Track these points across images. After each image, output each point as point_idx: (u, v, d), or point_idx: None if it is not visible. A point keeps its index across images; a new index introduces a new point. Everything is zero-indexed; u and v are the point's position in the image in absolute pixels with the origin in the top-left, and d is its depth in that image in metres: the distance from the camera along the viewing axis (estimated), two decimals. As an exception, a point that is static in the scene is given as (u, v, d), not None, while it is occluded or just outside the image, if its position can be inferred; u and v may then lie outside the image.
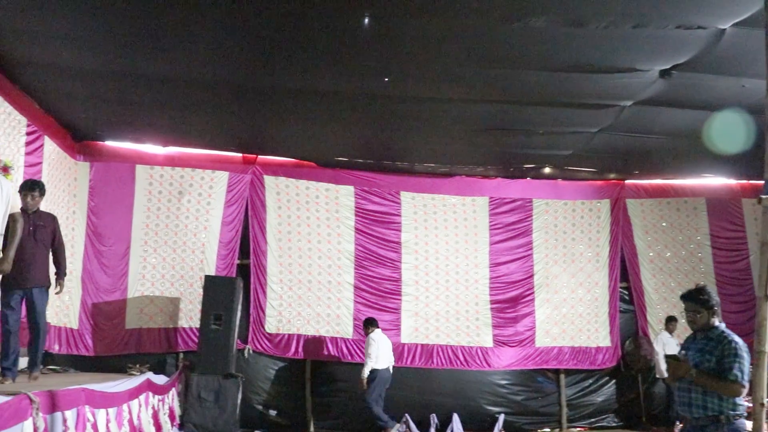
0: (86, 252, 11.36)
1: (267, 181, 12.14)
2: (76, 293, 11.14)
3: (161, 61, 8.42)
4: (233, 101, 9.67)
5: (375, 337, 11.13)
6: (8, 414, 3.48)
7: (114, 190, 11.59)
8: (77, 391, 4.92)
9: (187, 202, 11.87)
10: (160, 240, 11.71)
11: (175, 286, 11.64)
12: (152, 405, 7.82)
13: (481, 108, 9.52)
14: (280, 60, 8.26)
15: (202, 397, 9.97)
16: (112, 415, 5.89)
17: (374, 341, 11.07)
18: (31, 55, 8.45)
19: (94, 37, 7.91)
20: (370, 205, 12.46)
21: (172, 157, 11.93)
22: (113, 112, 10.40)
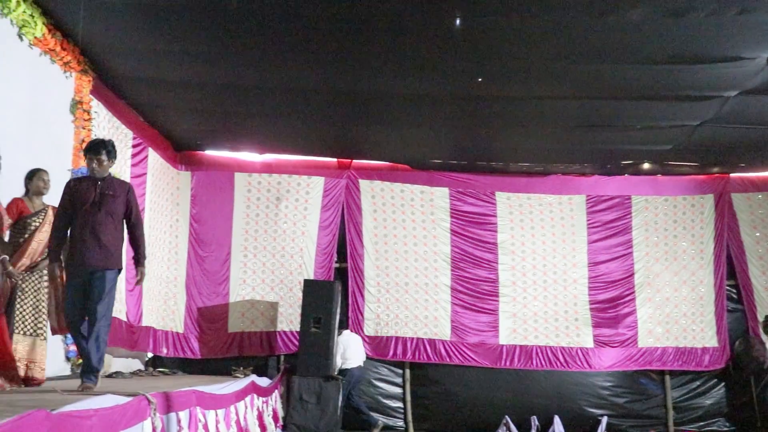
0: (189, 258, 11.75)
1: (362, 185, 12.26)
2: (180, 298, 11.55)
3: (258, 71, 8.66)
4: (328, 107, 9.83)
5: (341, 339, 11.10)
6: (130, 414, 3.64)
7: (214, 198, 11.95)
8: (189, 393, 5.09)
9: (284, 207, 12.11)
10: (260, 245, 11.99)
11: (275, 290, 11.90)
12: (257, 406, 8.00)
13: (576, 104, 9.36)
14: (373, 65, 8.34)
15: (304, 399, 10.14)
16: (221, 416, 6.07)
17: (339, 343, 11.03)
18: (136, 71, 8.84)
19: (193, 52, 8.23)
20: (466, 206, 12.40)
21: (269, 164, 12.21)
22: (212, 122, 10.74)
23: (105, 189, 5.72)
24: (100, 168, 5.76)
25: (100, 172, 5.77)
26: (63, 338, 7.90)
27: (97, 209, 5.64)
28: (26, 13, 6.86)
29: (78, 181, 5.87)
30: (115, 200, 5.73)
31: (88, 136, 8.30)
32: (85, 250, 5.56)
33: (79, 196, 5.67)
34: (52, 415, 2.65)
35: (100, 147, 5.78)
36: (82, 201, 5.65)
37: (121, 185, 5.90)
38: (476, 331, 12.06)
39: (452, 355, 11.92)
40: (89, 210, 5.63)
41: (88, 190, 5.71)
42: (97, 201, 5.66)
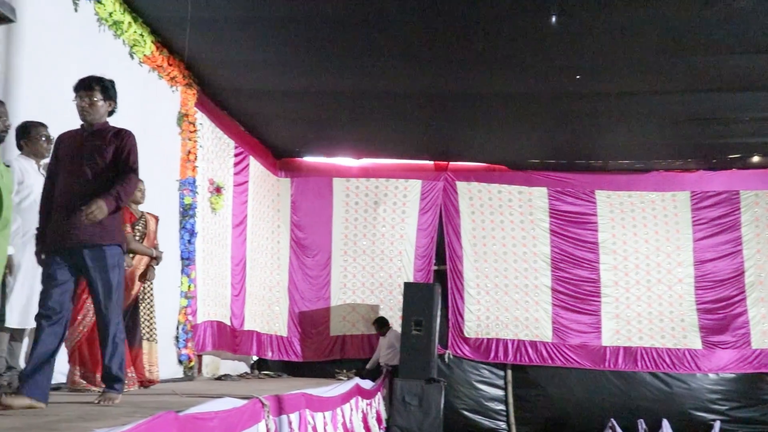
0: (291, 263, 12.04)
1: (459, 186, 12.24)
2: (283, 302, 11.85)
3: (354, 77, 8.80)
4: (424, 110, 9.88)
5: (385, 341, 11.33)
6: (247, 416, 3.75)
7: (314, 204, 12.19)
8: (299, 396, 5.20)
9: (382, 211, 12.23)
10: (359, 249, 12.14)
11: (375, 293, 12.03)
12: (362, 409, 8.10)
13: (679, 98, 9.09)
14: (469, 66, 8.35)
15: (407, 402, 10.19)
16: (328, 418, 6.16)
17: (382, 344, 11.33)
18: (237, 83, 9.14)
19: (292, 62, 8.43)
20: (565, 205, 12.21)
21: (366, 168, 12.36)
22: (310, 129, 10.97)
23: (96, 140, 4.23)
24: (92, 110, 4.27)
25: (92, 115, 4.28)
26: (175, 341, 8.23)
27: (82, 166, 4.13)
28: (137, 33, 7.19)
29: (69, 133, 4.38)
30: (107, 154, 4.19)
31: (194, 147, 8.62)
32: (67, 220, 4.03)
33: (64, 150, 4.25)
34: (180, 417, 2.77)
35: (92, 82, 4.35)
36: (68, 156, 4.20)
37: (117, 134, 4.31)
38: (578, 333, 11.85)
39: (554, 356, 11.76)
40: (73, 167, 4.15)
41: (74, 143, 4.25)
42: (85, 155, 4.16)
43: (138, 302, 6.22)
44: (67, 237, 4.01)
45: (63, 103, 5.89)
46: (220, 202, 9.45)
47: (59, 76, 5.98)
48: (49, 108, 5.51)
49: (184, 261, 8.33)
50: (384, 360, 11.23)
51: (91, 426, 2.61)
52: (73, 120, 6.00)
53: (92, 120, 4.29)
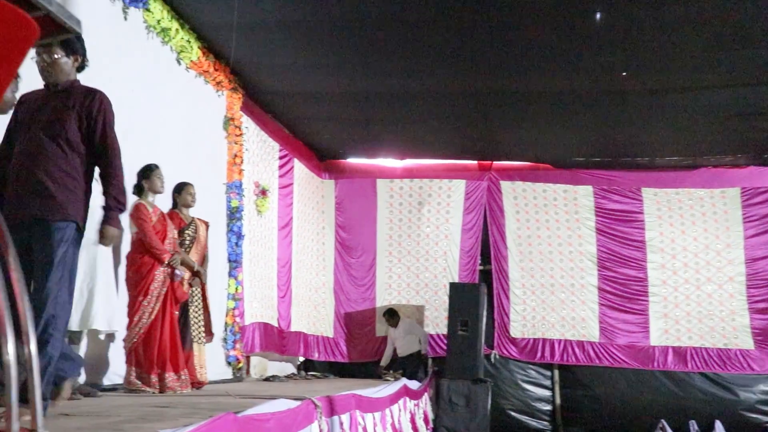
0: (336, 264, 12.09)
1: (503, 186, 12.18)
2: (329, 303, 11.91)
3: (397, 78, 8.81)
4: (467, 109, 9.85)
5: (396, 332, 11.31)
6: (301, 417, 3.79)
7: (358, 205, 12.23)
8: (349, 397, 5.23)
9: (427, 212, 12.22)
10: (404, 250, 12.15)
11: (420, 294, 12.02)
12: (409, 409, 8.11)
13: (728, 93, 8.92)
14: (511, 64, 8.30)
15: (454, 402, 10.18)
16: (378, 419, 6.19)
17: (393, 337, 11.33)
18: (282, 86, 9.20)
19: (335, 64, 8.48)
20: (611, 204, 12.07)
21: (410, 169, 12.36)
22: (354, 130, 11.01)
23: (58, 101, 3.66)
24: (53, 68, 3.69)
25: (54, 75, 3.70)
26: (223, 342, 8.32)
27: (38, 131, 3.57)
28: (184, 39, 7.30)
29: (32, 93, 3.84)
30: (68, 116, 3.59)
31: (240, 150, 8.71)
32: (18, 191, 3.51)
33: (23, 113, 3.72)
34: (239, 418, 2.81)
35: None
36: (26, 120, 3.66)
37: (88, 95, 3.71)
38: (626, 332, 11.71)
39: (602, 356, 11.63)
40: (30, 133, 3.59)
41: (33, 105, 3.70)
42: (42, 119, 3.60)
43: (187, 305, 6.32)
44: (14, 211, 3.44)
45: (115, 110, 6.03)
46: (265, 205, 9.55)
47: (110, 84, 6.09)
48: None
49: (231, 263, 8.43)
50: (403, 350, 11.18)
51: (154, 427, 2.65)
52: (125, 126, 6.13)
53: (55, 80, 3.69)
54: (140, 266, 5.66)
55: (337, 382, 9.06)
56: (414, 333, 11.26)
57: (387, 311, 11.48)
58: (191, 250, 6.38)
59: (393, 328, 11.33)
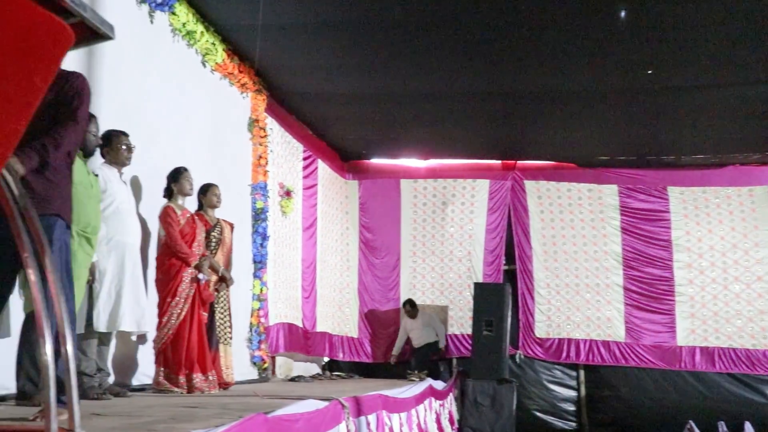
0: (360, 265, 12.12)
1: (527, 185, 12.14)
2: (354, 304, 11.94)
3: (420, 78, 8.82)
4: (491, 109, 9.84)
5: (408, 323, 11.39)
6: (329, 417, 3.81)
7: (382, 205, 12.24)
8: (376, 397, 5.24)
9: (451, 211, 12.21)
10: (428, 250, 12.15)
11: (445, 294, 12.01)
12: (435, 409, 8.11)
13: (756, 90, 8.84)
14: (535, 63, 8.28)
15: (479, 402, 10.16)
16: (404, 419, 6.20)
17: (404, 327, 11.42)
18: (305, 87, 9.24)
19: (358, 65, 8.50)
20: (636, 203, 11.98)
21: (433, 169, 12.36)
22: (377, 131, 11.03)
23: None
24: None
25: None
26: (248, 343, 8.37)
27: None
28: (209, 42, 7.35)
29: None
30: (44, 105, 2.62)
31: (264, 152, 8.76)
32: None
33: None
34: (269, 419, 2.83)
35: None
36: None
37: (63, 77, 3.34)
38: (652, 332, 11.62)
39: (628, 356, 11.55)
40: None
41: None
42: None
43: (214, 307, 6.36)
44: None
45: (142, 113, 6.10)
46: (290, 206, 9.59)
47: (137, 87, 6.18)
48: (129, 117, 5.68)
49: (256, 264, 8.47)
50: (419, 341, 11.19)
51: (186, 427, 2.68)
52: (152, 128, 6.19)
53: None
54: (168, 268, 5.71)
55: (362, 383, 9.07)
56: (432, 326, 11.29)
57: (408, 301, 11.43)
58: (217, 251, 6.41)
59: (410, 319, 11.32)
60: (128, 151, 4.98)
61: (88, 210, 4.18)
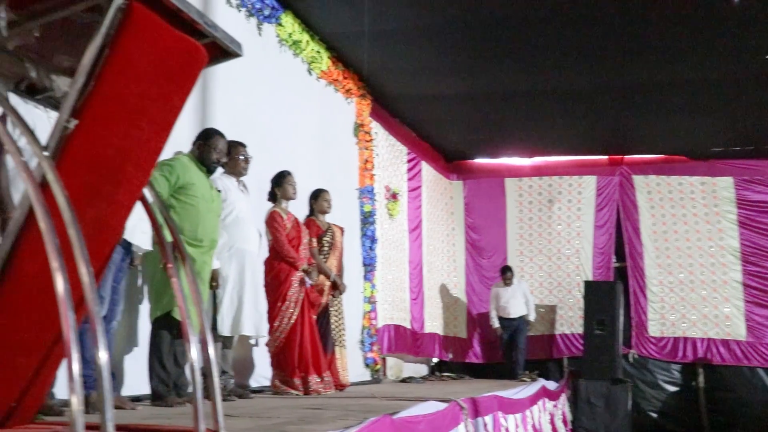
0: (467, 265, 12.11)
1: (636, 180, 11.81)
2: (462, 304, 11.96)
3: (523, 76, 8.77)
4: (595, 104, 9.66)
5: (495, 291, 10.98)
6: (449, 419, 3.83)
7: (487, 205, 12.18)
8: (492, 398, 5.24)
9: (557, 209, 12.03)
10: (535, 249, 12.01)
11: (553, 293, 11.84)
12: (548, 410, 8.02)
13: None
14: (642, 55, 8.09)
15: (592, 403, 9.97)
16: (519, 420, 6.16)
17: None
18: (408, 89, 9.32)
19: (459, 65, 8.53)
20: (754, 195, 11.46)
21: (538, 166, 12.22)
22: (480, 130, 11.00)
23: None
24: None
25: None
26: (360, 345, 8.50)
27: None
28: (314, 50, 7.53)
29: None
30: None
31: (370, 156, 8.89)
32: None
33: None
34: (395, 420, 2.88)
35: None
36: None
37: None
38: (776, 331, 11.14)
39: (750, 356, 11.08)
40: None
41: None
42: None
43: (328, 310, 6.48)
44: None
45: (253, 123, 6.29)
46: (396, 208, 9.69)
47: (248, 97, 6.38)
48: (241, 127, 5.86)
49: (366, 267, 8.60)
50: (513, 311, 10.75)
51: (315, 428, 2.76)
52: (262, 137, 6.37)
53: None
54: (277, 272, 5.81)
55: (473, 384, 9.05)
56: (526, 296, 10.90)
57: (507, 267, 11.12)
58: (329, 256, 6.52)
59: (505, 287, 10.88)
60: (245, 162, 5.15)
61: (206, 224, 4.35)
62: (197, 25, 2.08)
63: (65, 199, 1.72)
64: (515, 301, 10.83)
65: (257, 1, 6.53)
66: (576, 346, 11.39)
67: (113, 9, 1.83)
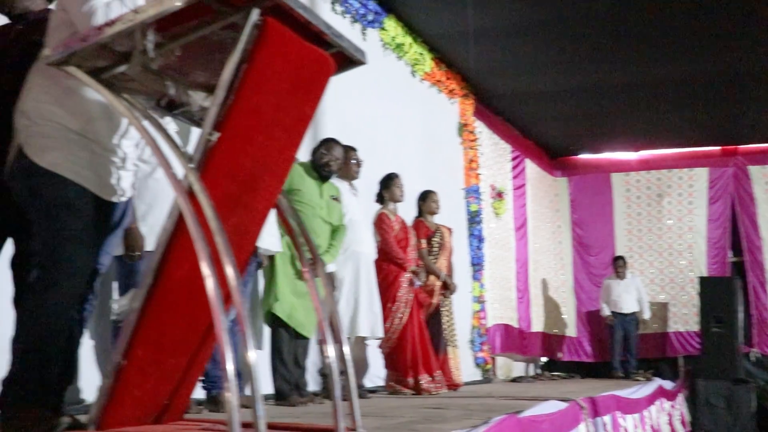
0: (575, 263, 11.91)
1: (752, 171, 11.34)
2: (570, 302, 11.76)
3: (627, 69, 8.62)
4: (706, 93, 9.38)
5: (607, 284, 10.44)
6: (570, 418, 3.80)
7: (593, 201, 11.95)
8: (609, 398, 5.16)
9: (667, 203, 11.68)
10: (644, 245, 11.69)
11: (665, 290, 11.51)
12: (666, 411, 7.80)
13: None
14: (752, 41, 7.80)
15: (712, 404, 9.61)
16: (637, 420, 6.03)
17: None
18: (509, 88, 9.28)
19: (562, 61, 8.44)
20: None
21: (645, 160, 11.90)
22: (584, 126, 10.83)
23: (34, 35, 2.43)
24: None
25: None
26: (470, 345, 8.49)
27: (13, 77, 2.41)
28: (417, 52, 7.59)
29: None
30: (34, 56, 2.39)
31: (475, 155, 8.88)
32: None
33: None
34: (521, 420, 2.89)
35: None
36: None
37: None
38: None
39: None
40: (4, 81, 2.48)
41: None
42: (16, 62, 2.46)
43: (439, 310, 6.51)
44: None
45: (360, 127, 6.39)
46: (502, 207, 9.64)
47: (354, 101, 6.48)
48: (348, 131, 5.95)
49: (474, 267, 8.59)
50: (626, 306, 10.25)
51: (444, 427, 2.79)
52: (369, 140, 6.46)
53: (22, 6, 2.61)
54: (386, 274, 5.87)
55: (586, 383, 8.89)
56: (639, 292, 10.39)
57: (618, 256, 10.75)
58: (439, 257, 6.55)
59: (617, 280, 10.40)
60: (357, 166, 5.24)
61: (311, 229, 4.45)
62: (325, 35, 2.16)
63: (212, 208, 1.82)
64: (628, 296, 10.40)
65: (361, 7, 6.64)
66: (691, 344, 11.02)
67: (249, 25, 1.93)
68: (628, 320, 10.34)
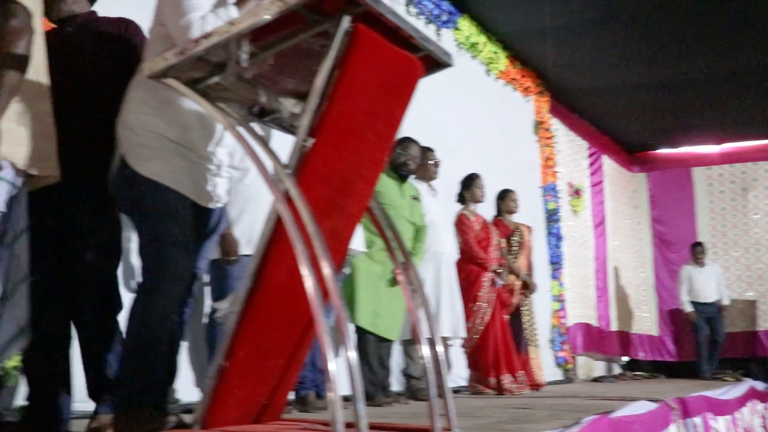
0: (655, 260, 11.66)
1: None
2: (652, 301, 11.52)
3: (706, 60, 8.47)
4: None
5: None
6: (660, 419, 3.74)
7: (674, 196, 11.68)
8: (700, 399, 5.03)
9: (753, 197, 11.33)
10: (729, 241, 11.36)
11: (753, 286, 11.16)
12: (760, 413, 7.54)
13: None
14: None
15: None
16: (729, 422, 5.86)
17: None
18: (585, 83, 9.16)
19: (638, 55, 8.34)
20: None
21: (728, 153, 11.57)
22: (662, 120, 10.59)
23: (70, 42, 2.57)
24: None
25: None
26: (551, 344, 8.40)
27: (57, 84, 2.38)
28: (491, 51, 7.57)
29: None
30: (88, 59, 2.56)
31: (551, 153, 8.79)
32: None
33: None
34: (612, 420, 2.86)
35: None
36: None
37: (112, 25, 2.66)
38: None
39: None
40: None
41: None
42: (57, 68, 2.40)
43: (519, 310, 6.47)
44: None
45: (437, 127, 6.40)
46: (580, 205, 9.52)
47: (430, 101, 6.48)
48: (425, 132, 5.96)
49: (553, 265, 8.50)
50: (706, 295, 9.81)
51: (536, 427, 2.78)
52: (446, 140, 6.45)
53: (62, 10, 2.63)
54: (468, 274, 5.87)
55: (670, 383, 8.68)
56: (718, 279, 9.97)
57: (696, 242, 10.39)
58: (519, 255, 6.50)
59: (698, 267, 9.97)
60: (435, 166, 5.26)
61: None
62: (413, 39, 2.18)
63: (309, 213, 1.86)
64: (710, 284, 9.93)
65: (435, 8, 6.65)
66: (782, 343, 10.67)
67: (341, 33, 1.96)
68: (713, 310, 9.94)
